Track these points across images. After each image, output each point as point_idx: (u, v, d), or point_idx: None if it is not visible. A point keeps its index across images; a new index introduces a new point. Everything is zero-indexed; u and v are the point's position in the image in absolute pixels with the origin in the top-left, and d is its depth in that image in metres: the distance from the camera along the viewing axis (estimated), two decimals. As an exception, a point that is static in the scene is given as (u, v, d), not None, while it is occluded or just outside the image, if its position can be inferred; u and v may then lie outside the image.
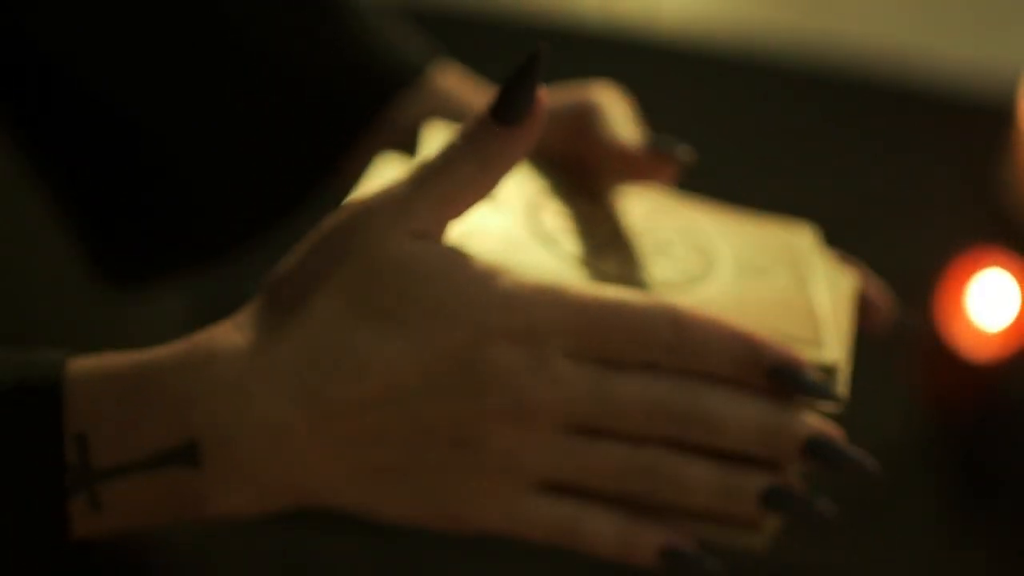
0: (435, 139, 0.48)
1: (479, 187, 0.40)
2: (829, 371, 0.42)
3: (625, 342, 0.39)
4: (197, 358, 0.38)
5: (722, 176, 1.42)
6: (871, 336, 1.20)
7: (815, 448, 0.41)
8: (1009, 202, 1.40)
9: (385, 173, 0.44)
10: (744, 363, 0.40)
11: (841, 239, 1.38)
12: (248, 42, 0.53)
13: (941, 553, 1.16)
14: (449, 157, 0.40)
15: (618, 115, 0.49)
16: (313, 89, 0.54)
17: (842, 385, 0.42)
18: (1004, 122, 1.44)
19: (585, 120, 0.49)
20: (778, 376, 0.40)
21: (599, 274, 0.44)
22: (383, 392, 0.38)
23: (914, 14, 1.70)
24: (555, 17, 1.58)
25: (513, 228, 0.44)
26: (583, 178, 0.49)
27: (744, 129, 1.48)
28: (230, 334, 0.38)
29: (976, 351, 1.19)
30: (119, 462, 0.37)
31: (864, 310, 0.52)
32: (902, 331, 0.48)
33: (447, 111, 0.54)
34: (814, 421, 0.41)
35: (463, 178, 0.39)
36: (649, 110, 1.47)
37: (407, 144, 0.54)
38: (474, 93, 0.55)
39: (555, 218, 0.46)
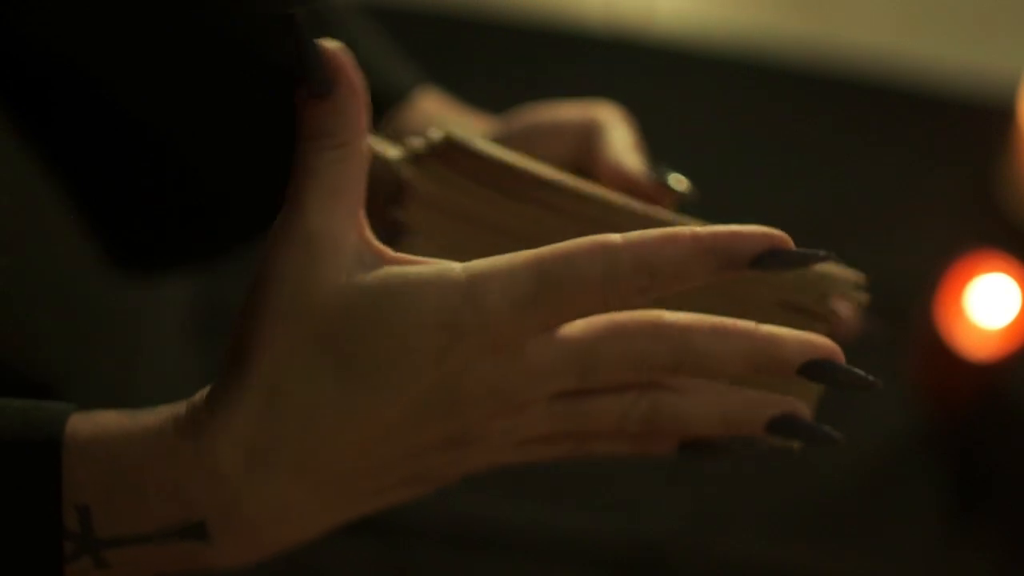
0: None
1: (350, 160, 0.38)
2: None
3: (587, 296, 0.37)
4: (193, 445, 0.38)
5: (722, 178, 1.42)
6: (871, 336, 1.20)
7: (810, 369, 0.39)
8: (1010, 204, 1.41)
9: None
10: (723, 265, 0.38)
11: (841, 241, 1.38)
12: (258, 49, 0.54)
13: (940, 551, 1.17)
14: (304, 163, 0.38)
15: (621, 137, 0.49)
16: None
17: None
18: (1005, 124, 1.44)
19: (590, 137, 0.50)
20: (765, 264, 0.38)
21: None
22: (368, 442, 0.38)
23: (914, 16, 1.70)
24: (555, 18, 1.59)
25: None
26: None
27: (744, 131, 1.48)
28: (217, 417, 0.38)
29: (976, 350, 1.19)
30: (125, 535, 0.38)
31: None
32: (869, 338, 0.46)
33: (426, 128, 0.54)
34: (802, 341, 0.39)
35: (331, 166, 0.38)
36: (648, 112, 1.47)
37: None
38: (456, 115, 0.55)
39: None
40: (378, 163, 0.45)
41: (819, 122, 1.50)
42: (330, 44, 0.38)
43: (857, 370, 0.40)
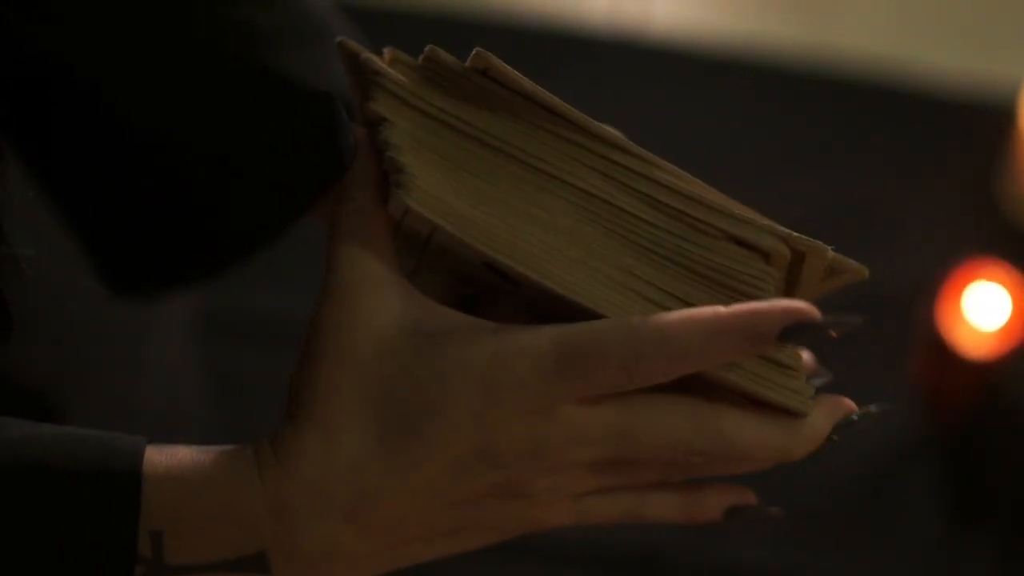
0: None
1: (372, 217, 0.41)
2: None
3: (612, 375, 0.39)
4: (260, 482, 0.40)
5: (722, 181, 1.42)
6: (870, 336, 1.20)
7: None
8: (1010, 208, 1.41)
9: None
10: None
11: (840, 245, 1.38)
12: (252, 60, 0.54)
13: (938, 553, 1.17)
14: (333, 226, 0.42)
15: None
16: (317, 108, 0.55)
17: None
18: (1005, 129, 1.44)
19: None
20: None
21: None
22: (411, 493, 0.40)
23: (913, 20, 1.70)
24: (556, 20, 1.59)
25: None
26: None
27: (745, 135, 1.48)
28: (281, 458, 0.40)
29: (975, 351, 1.20)
30: (193, 562, 0.40)
31: None
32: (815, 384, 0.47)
33: None
34: (826, 415, 0.42)
35: (356, 226, 0.41)
36: (648, 114, 1.47)
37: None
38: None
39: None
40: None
41: (819, 126, 1.50)
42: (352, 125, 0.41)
43: (833, 318, 0.41)
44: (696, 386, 0.41)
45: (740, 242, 0.43)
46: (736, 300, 0.42)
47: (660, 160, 0.44)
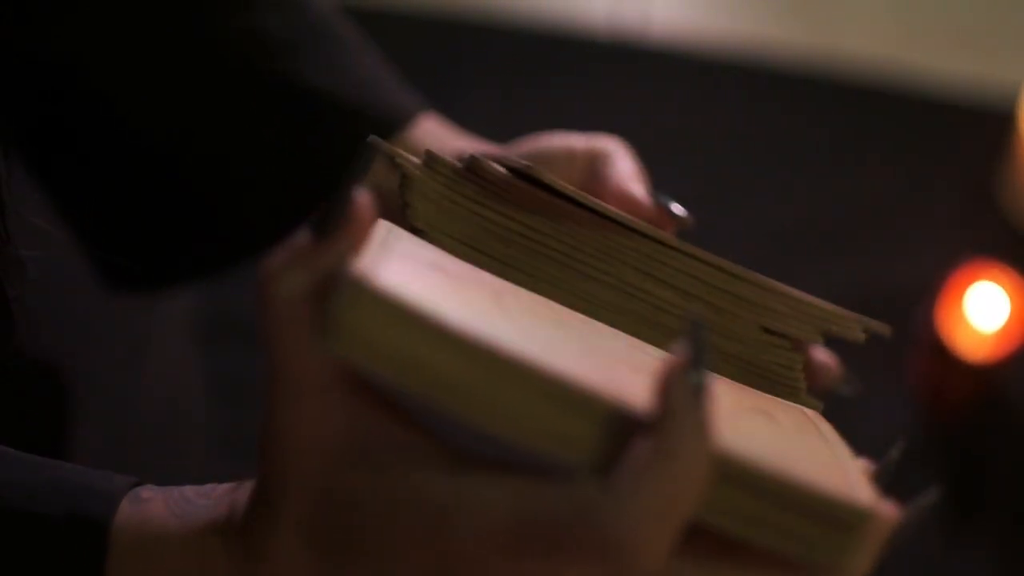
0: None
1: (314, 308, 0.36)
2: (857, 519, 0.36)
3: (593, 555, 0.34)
4: (233, 568, 0.39)
5: (722, 183, 1.43)
6: (871, 337, 1.21)
7: None
8: (1010, 210, 1.41)
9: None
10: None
11: (841, 246, 1.38)
12: (261, 67, 0.55)
13: (938, 552, 1.17)
14: (278, 317, 0.36)
15: (626, 166, 0.50)
16: (322, 117, 0.55)
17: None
18: (1005, 132, 1.44)
19: (598, 163, 0.51)
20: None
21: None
22: None
23: (913, 24, 1.71)
24: (556, 23, 1.59)
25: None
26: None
27: (745, 138, 1.48)
28: (252, 550, 0.38)
29: (974, 353, 1.20)
30: None
31: (811, 371, 0.48)
32: (843, 392, 0.46)
33: (434, 149, 0.55)
34: None
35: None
36: (648, 116, 1.47)
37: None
38: (454, 138, 0.56)
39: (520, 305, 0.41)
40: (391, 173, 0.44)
41: (818, 128, 1.50)
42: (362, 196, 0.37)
43: None
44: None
45: (773, 332, 0.44)
46: (767, 384, 0.42)
47: (697, 251, 0.44)
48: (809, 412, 0.44)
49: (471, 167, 0.43)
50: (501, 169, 0.44)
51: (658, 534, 0.34)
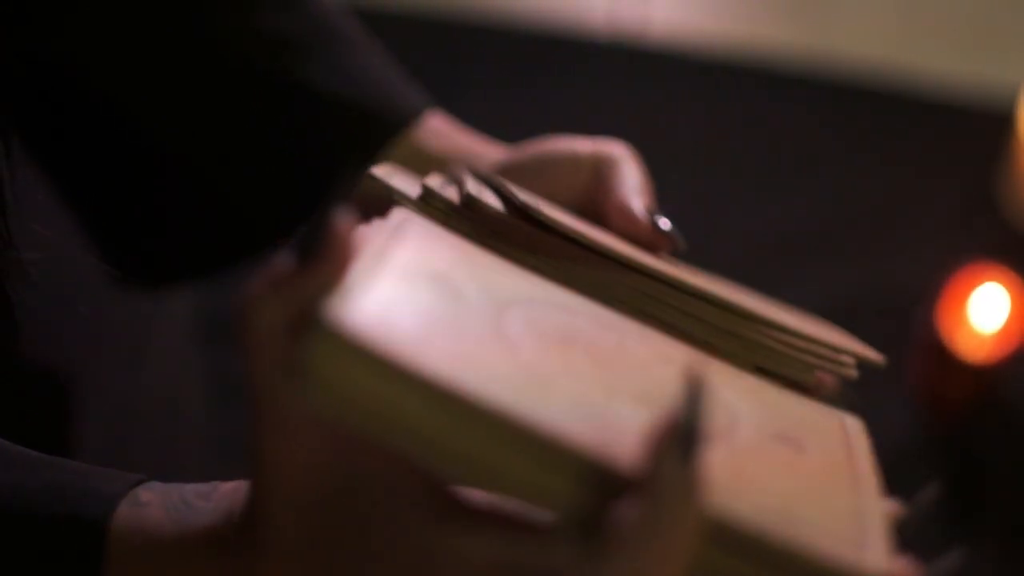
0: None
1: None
2: None
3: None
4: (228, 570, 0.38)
5: (722, 185, 1.43)
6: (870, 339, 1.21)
7: None
8: (1009, 211, 1.41)
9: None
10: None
11: (840, 248, 1.38)
12: (265, 66, 0.55)
13: (939, 552, 1.17)
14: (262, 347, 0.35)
15: (631, 176, 0.50)
16: (329, 115, 0.55)
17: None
18: (1005, 133, 1.44)
19: (602, 172, 0.50)
20: None
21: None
22: None
23: (914, 25, 1.71)
24: (556, 24, 1.59)
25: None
26: (596, 223, 0.49)
27: (745, 140, 1.48)
28: (248, 567, 0.38)
29: (974, 354, 1.20)
30: None
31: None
32: (840, 407, 0.44)
33: (440, 149, 0.55)
34: None
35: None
36: (647, 116, 1.47)
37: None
38: (461, 137, 0.56)
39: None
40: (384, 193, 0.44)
41: (818, 130, 1.50)
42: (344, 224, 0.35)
43: None
44: None
45: (767, 371, 0.43)
46: None
47: (693, 285, 0.43)
48: (849, 424, 0.41)
49: (467, 204, 0.42)
50: (498, 206, 0.42)
51: None
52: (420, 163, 0.46)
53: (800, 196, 1.42)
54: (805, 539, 0.33)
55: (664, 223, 0.48)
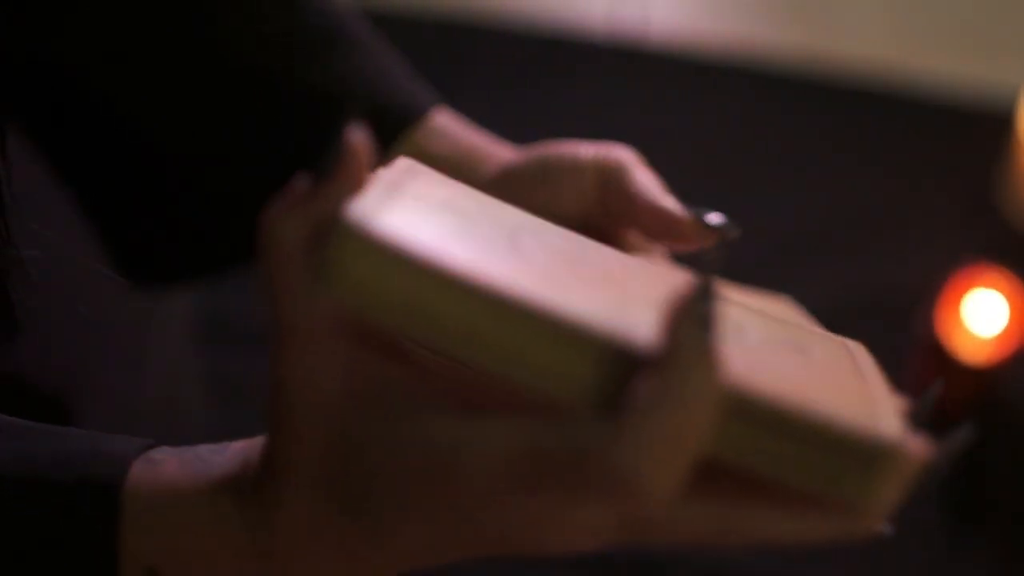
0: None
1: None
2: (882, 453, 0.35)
3: (593, 491, 0.34)
4: (246, 530, 0.39)
5: (721, 187, 1.43)
6: (869, 340, 1.20)
7: None
8: (1008, 214, 1.41)
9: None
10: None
11: (839, 250, 1.38)
12: (265, 65, 0.55)
13: (939, 557, 1.17)
14: (280, 268, 0.36)
15: (648, 178, 0.49)
16: (332, 115, 0.55)
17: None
18: (1004, 135, 1.44)
19: (614, 178, 0.49)
20: None
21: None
22: (401, 560, 0.38)
23: (913, 27, 1.71)
24: (555, 26, 1.59)
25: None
26: (604, 234, 0.49)
27: (744, 142, 1.49)
28: (266, 512, 0.38)
29: (974, 356, 1.20)
30: None
31: None
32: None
33: (444, 149, 0.54)
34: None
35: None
36: (646, 118, 1.47)
37: None
38: (467, 134, 0.55)
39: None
40: None
41: (817, 131, 1.50)
42: (359, 137, 0.36)
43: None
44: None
45: None
46: None
47: None
48: (851, 345, 0.42)
49: None
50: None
51: (665, 472, 0.33)
52: (427, 162, 0.46)
53: (799, 197, 1.42)
54: (823, 411, 0.34)
55: (713, 217, 0.47)
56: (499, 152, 0.54)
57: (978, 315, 1.21)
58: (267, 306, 0.37)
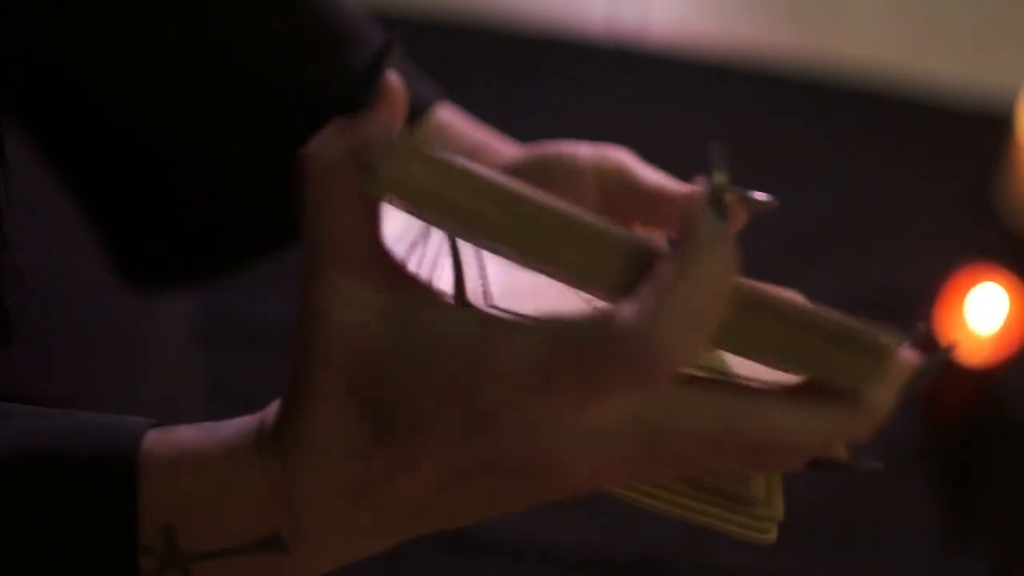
0: None
1: (347, 186, 0.37)
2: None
3: (605, 369, 0.35)
4: (264, 469, 0.39)
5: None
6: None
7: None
8: (1007, 214, 1.41)
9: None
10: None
11: (839, 250, 1.38)
12: (266, 66, 0.55)
13: (936, 557, 1.17)
14: (311, 197, 0.37)
15: (653, 172, 0.49)
16: (335, 113, 0.55)
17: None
18: (1003, 136, 1.44)
19: (619, 178, 0.49)
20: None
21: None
22: (421, 491, 0.38)
23: (912, 28, 1.71)
24: (555, 27, 1.59)
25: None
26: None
27: (742, 142, 1.49)
28: (283, 447, 0.39)
29: (972, 356, 1.20)
30: (208, 549, 0.39)
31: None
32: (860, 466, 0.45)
33: (448, 144, 0.55)
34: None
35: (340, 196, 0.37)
36: (646, 119, 1.47)
37: None
38: (471, 129, 0.55)
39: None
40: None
41: (817, 132, 1.50)
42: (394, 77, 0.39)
43: (859, 463, 0.41)
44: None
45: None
46: (721, 500, 0.42)
47: None
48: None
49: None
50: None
51: (687, 349, 0.35)
52: None
53: (798, 198, 1.42)
54: (826, 314, 0.36)
55: (759, 195, 0.48)
56: (502, 148, 0.54)
57: (978, 315, 1.21)
58: (304, 229, 0.38)
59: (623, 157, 0.50)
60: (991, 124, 1.47)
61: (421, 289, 0.38)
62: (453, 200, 0.36)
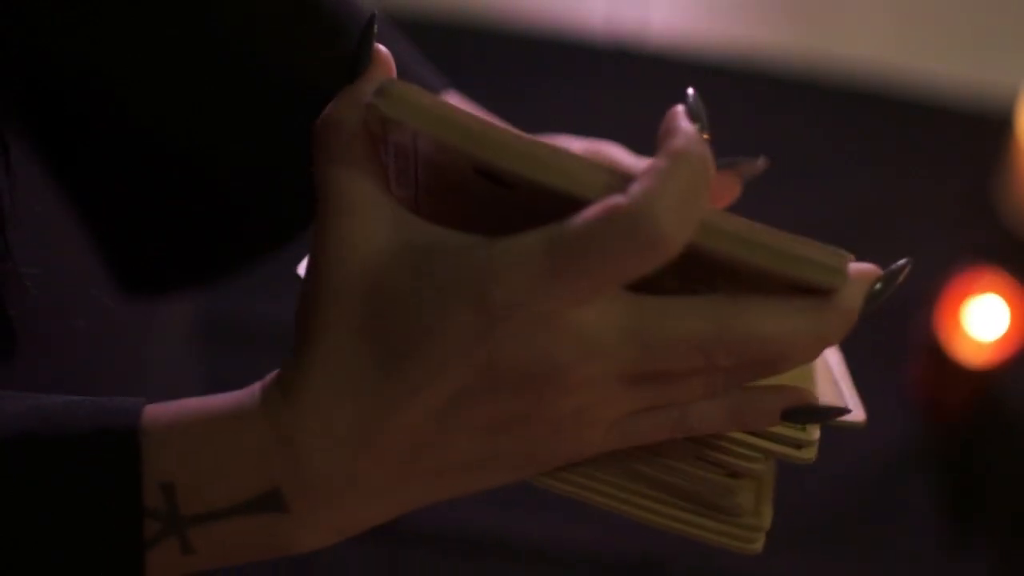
0: None
1: (360, 139, 0.40)
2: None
3: (607, 265, 0.37)
4: (266, 419, 0.39)
5: (721, 184, 1.43)
6: (869, 340, 1.21)
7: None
8: (1007, 215, 1.41)
9: None
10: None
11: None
12: (267, 62, 0.55)
13: (936, 558, 1.17)
14: (324, 149, 0.40)
15: (641, 163, 0.50)
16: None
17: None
18: (1003, 136, 1.44)
19: (614, 161, 0.50)
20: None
21: None
22: (421, 424, 0.39)
23: (912, 28, 1.71)
24: (555, 27, 1.59)
25: None
26: None
27: (741, 143, 1.49)
28: (286, 392, 0.40)
29: (972, 358, 1.20)
30: (208, 510, 0.39)
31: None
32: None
33: None
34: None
35: (350, 144, 0.40)
36: (646, 120, 1.48)
37: None
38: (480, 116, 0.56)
39: None
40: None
41: (816, 133, 1.50)
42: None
43: (828, 406, 0.42)
44: (714, 274, 0.39)
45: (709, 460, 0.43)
46: (704, 509, 0.44)
47: None
48: None
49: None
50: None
51: (684, 222, 0.37)
52: None
53: (797, 199, 1.42)
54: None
55: (738, 163, 0.50)
56: None
57: (977, 318, 1.21)
58: (317, 182, 0.40)
59: (614, 151, 0.51)
60: (991, 124, 1.47)
61: (427, 224, 0.39)
62: (453, 119, 0.39)
